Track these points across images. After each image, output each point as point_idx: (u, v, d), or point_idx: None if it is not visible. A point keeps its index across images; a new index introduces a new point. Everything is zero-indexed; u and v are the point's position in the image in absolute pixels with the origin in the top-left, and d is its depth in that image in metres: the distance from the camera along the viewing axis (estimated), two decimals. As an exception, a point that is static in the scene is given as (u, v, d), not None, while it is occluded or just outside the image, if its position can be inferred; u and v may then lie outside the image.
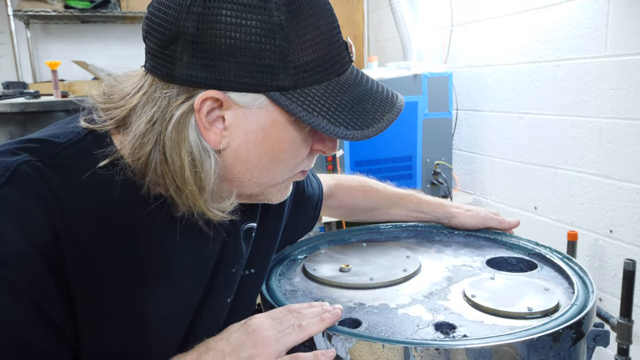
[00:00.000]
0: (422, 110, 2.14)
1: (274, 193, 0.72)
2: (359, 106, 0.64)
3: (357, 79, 0.67)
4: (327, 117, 0.61)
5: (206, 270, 0.74)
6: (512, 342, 0.62)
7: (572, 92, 1.81)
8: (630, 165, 1.62)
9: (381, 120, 0.65)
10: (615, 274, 1.70)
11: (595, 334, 0.75)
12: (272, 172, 0.67)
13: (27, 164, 0.59)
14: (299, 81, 0.61)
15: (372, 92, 0.67)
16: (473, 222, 1.05)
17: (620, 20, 1.60)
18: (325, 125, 0.61)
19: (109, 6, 3.18)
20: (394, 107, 0.67)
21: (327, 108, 0.62)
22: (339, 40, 0.65)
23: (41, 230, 0.56)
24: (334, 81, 0.64)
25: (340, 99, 0.63)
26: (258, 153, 0.64)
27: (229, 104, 0.61)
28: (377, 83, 0.70)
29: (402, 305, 0.77)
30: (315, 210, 1.05)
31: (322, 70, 0.62)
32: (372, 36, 3.47)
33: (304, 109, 0.61)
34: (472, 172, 2.43)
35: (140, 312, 0.65)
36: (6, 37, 3.22)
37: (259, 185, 0.68)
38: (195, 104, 0.60)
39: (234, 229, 0.78)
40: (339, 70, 0.65)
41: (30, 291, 0.55)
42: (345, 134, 0.62)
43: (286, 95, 0.60)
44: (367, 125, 0.64)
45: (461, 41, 2.40)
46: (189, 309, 0.72)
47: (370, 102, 0.66)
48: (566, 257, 0.90)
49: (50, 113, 2.06)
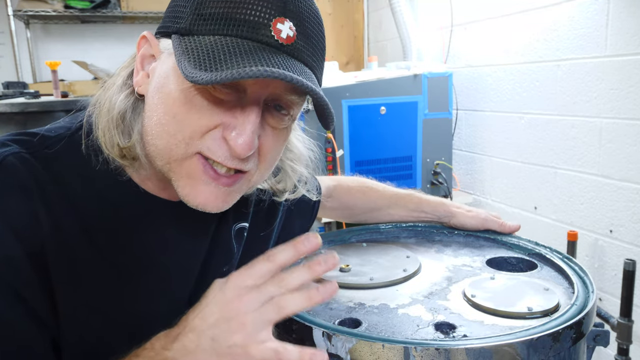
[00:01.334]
0: (422, 110, 2.14)
1: (178, 179, 0.64)
2: (230, 57, 0.57)
3: (271, 52, 0.59)
4: (194, 59, 0.57)
5: (194, 268, 0.74)
6: (512, 342, 0.62)
7: (572, 92, 1.81)
8: (630, 165, 1.62)
9: (239, 69, 0.55)
10: (615, 274, 1.70)
11: (595, 334, 0.75)
12: (166, 130, 0.62)
13: (15, 155, 0.60)
14: (194, 26, 0.60)
15: (271, 59, 0.58)
16: (473, 222, 1.05)
17: (620, 20, 1.60)
18: (184, 63, 0.57)
19: (109, 6, 3.18)
20: (267, 67, 0.56)
21: (202, 54, 0.58)
22: (265, 13, 0.60)
23: (24, 221, 0.57)
24: (229, 39, 0.59)
25: (220, 50, 0.58)
26: (157, 99, 0.63)
27: (157, 50, 0.66)
28: (297, 64, 0.61)
29: (402, 305, 0.77)
30: (313, 211, 1.05)
31: (220, 22, 0.59)
32: (372, 36, 3.48)
33: (184, 52, 0.59)
34: (472, 172, 2.43)
35: (124, 306, 0.65)
36: (6, 37, 3.22)
37: (159, 152, 0.64)
38: (137, 44, 0.66)
39: (224, 228, 0.78)
40: (241, 34, 0.59)
41: (12, 281, 0.56)
42: (192, 73, 0.55)
43: (181, 39, 0.61)
44: (216, 69, 0.56)
45: (461, 41, 2.40)
46: (177, 306, 0.72)
47: (248, 57, 0.57)
48: (566, 257, 0.90)
49: (50, 113, 2.06)
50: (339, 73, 2.27)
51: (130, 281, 0.66)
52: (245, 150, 0.61)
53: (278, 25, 0.60)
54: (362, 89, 2.05)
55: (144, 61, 0.67)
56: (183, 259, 0.72)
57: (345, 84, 2.04)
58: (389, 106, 2.08)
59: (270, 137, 0.66)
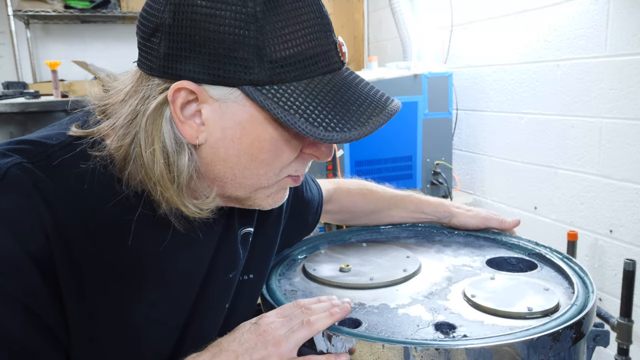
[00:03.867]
0: (422, 110, 2.14)
1: (262, 198, 0.69)
2: (343, 107, 0.60)
3: (347, 80, 0.63)
4: (305, 116, 0.58)
5: (199, 274, 0.73)
6: (512, 342, 0.62)
7: (572, 92, 1.81)
8: (630, 165, 1.62)
9: (367, 123, 0.60)
10: (615, 274, 1.71)
11: (595, 334, 0.75)
12: (255, 173, 0.65)
13: (17, 166, 0.58)
14: (275, 76, 0.58)
15: (362, 93, 0.63)
16: (474, 222, 1.05)
17: (620, 20, 1.60)
18: (301, 124, 0.58)
19: (109, 6, 3.18)
20: (384, 110, 0.62)
21: (305, 107, 0.58)
22: (327, 38, 0.61)
23: (32, 234, 0.56)
24: (317, 79, 0.60)
25: (322, 98, 0.60)
26: (236, 150, 0.62)
27: (205, 97, 0.60)
28: (370, 85, 0.66)
29: (402, 305, 0.77)
30: (315, 216, 1.04)
31: (303, 67, 0.59)
32: (372, 36, 3.48)
33: (280, 106, 0.58)
34: (472, 172, 2.43)
35: (130, 314, 0.65)
36: (6, 37, 3.22)
37: (243, 187, 0.66)
38: (169, 95, 0.59)
39: (230, 233, 0.77)
40: (323, 69, 0.61)
41: (21, 295, 0.55)
42: (324, 135, 0.58)
43: (261, 91, 0.58)
44: (349, 128, 0.59)
45: (461, 41, 2.40)
46: (181, 313, 0.71)
47: (357, 104, 0.61)
48: (566, 257, 0.90)
49: (50, 113, 2.06)
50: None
51: (135, 288, 0.65)
52: (330, 156, 0.68)
53: (339, 39, 0.64)
54: (362, 89, 2.04)
55: (184, 108, 0.61)
56: (188, 265, 0.71)
57: (345, 84, 2.03)
58: (389, 106, 2.08)
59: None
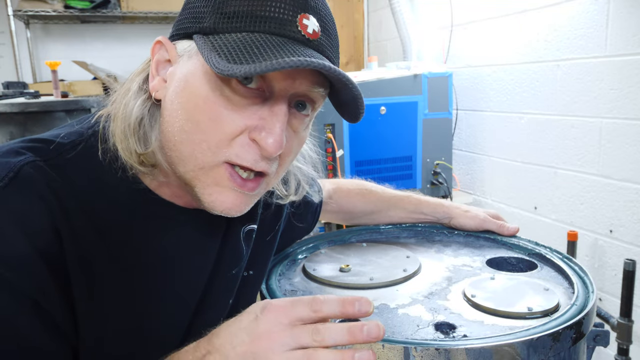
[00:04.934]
0: (422, 110, 2.14)
1: (202, 187, 0.64)
2: (265, 50, 0.56)
3: (293, 45, 0.59)
4: (222, 53, 0.56)
5: (205, 271, 0.74)
6: (512, 342, 0.62)
7: (572, 92, 1.81)
8: (630, 165, 1.62)
9: (277, 60, 0.55)
10: (615, 274, 1.71)
11: (595, 334, 0.75)
12: (190, 139, 0.61)
13: (30, 164, 0.59)
14: (219, 25, 0.59)
15: (298, 52, 0.58)
16: (472, 223, 1.05)
17: (620, 20, 1.60)
18: (213, 57, 0.56)
19: (109, 6, 3.18)
20: (306, 58, 0.56)
21: (229, 48, 0.57)
22: (290, 10, 0.60)
23: (42, 231, 0.57)
24: (258, 35, 0.59)
25: (248, 44, 0.57)
26: (177, 105, 0.62)
27: (174, 55, 0.64)
28: (325, 64, 0.59)
29: (402, 305, 0.77)
30: (315, 215, 1.05)
31: (248, 21, 0.59)
32: (372, 36, 3.48)
33: (210, 48, 0.58)
34: (472, 172, 2.43)
35: (137, 310, 0.65)
36: (6, 37, 3.22)
37: (182, 160, 0.63)
38: (150, 50, 0.65)
39: (234, 230, 0.78)
40: (269, 29, 0.59)
41: (30, 291, 0.55)
42: (226, 67, 0.54)
43: (205, 38, 0.60)
44: (253, 61, 0.55)
45: (461, 41, 2.40)
46: (188, 309, 0.72)
47: (280, 50, 0.57)
48: (566, 257, 0.90)
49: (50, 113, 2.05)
50: (339, 73, 2.27)
51: (143, 285, 0.66)
52: (276, 148, 0.60)
53: (304, 21, 0.60)
54: (362, 89, 2.02)
55: (159, 66, 0.66)
56: (195, 262, 0.72)
57: (345, 84, 2.03)
58: (389, 106, 2.08)
59: (292, 139, 0.66)
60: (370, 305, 0.54)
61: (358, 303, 0.54)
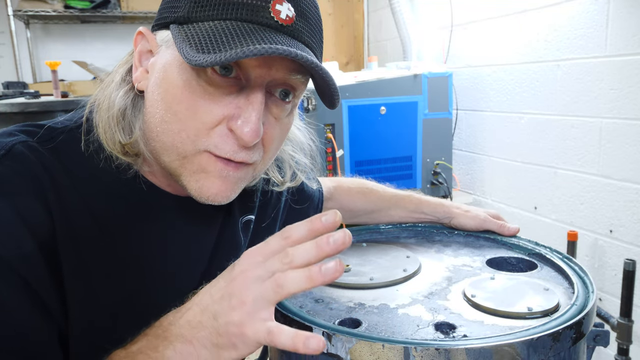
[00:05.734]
0: (422, 110, 2.14)
1: (188, 175, 0.64)
2: (233, 39, 0.56)
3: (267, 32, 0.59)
4: (193, 43, 0.57)
5: (201, 261, 0.74)
6: (512, 342, 0.62)
7: (572, 92, 1.81)
8: (630, 165, 1.62)
9: (243, 48, 0.54)
10: (615, 274, 1.71)
11: (595, 334, 0.75)
12: (170, 129, 0.62)
13: (22, 144, 0.60)
14: (192, 13, 0.60)
15: (264, 35, 0.58)
16: (472, 223, 1.05)
17: (620, 20, 1.60)
18: (184, 47, 0.57)
19: (109, 6, 3.18)
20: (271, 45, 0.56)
21: (199, 37, 0.57)
22: None
23: (33, 208, 0.57)
24: (230, 22, 0.59)
25: (219, 32, 0.57)
26: (157, 95, 0.62)
27: (154, 45, 0.65)
28: (289, 40, 0.60)
29: (402, 305, 0.77)
30: (317, 212, 1.05)
31: (219, 8, 0.59)
32: (372, 36, 3.48)
33: (183, 38, 0.58)
34: (472, 172, 2.43)
35: (130, 298, 0.65)
36: (6, 37, 3.22)
37: (166, 150, 0.64)
38: (133, 41, 0.66)
39: (232, 221, 0.78)
40: (242, 17, 0.59)
41: (18, 267, 0.55)
42: (194, 56, 0.55)
43: (180, 27, 0.60)
44: (220, 50, 0.55)
45: (461, 41, 2.40)
46: (183, 299, 0.72)
47: (250, 38, 0.56)
48: (566, 257, 0.90)
49: (50, 113, 2.06)
50: (339, 73, 2.27)
51: (137, 273, 0.66)
52: (252, 137, 0.60)
53: (277, 7, 0.60)
54: (362, 89, 2.05)
55: (141, 57, 0.67)
56: (190, 252, 0.72)
57: (345, 84, 2.04)
58: (389, 106, 2.08)
59: (273, 126, 0.66)
60: (336, 214, 0.52)
61: (324, 217, 0.52)
